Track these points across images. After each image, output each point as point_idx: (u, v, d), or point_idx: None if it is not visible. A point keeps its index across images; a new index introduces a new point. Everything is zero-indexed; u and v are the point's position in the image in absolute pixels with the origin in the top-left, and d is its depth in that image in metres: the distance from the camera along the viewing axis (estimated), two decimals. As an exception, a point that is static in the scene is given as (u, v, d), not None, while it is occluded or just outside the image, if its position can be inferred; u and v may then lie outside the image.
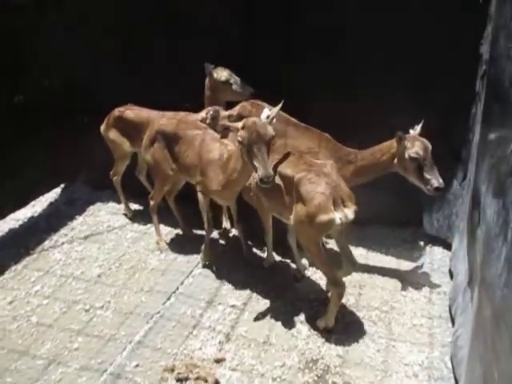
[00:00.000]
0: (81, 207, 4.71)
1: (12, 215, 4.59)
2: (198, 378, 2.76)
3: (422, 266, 3.71)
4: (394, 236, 4.04)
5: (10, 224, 4.52)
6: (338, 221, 2.75)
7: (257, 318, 3.24)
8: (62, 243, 4.21)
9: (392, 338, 3.04)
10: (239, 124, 2.81)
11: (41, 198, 4.92)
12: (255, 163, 2.70)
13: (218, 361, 2.91)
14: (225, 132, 2.94)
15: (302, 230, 2.91)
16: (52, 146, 4.48)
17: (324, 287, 3.44)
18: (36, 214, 4.72)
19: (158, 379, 2.80)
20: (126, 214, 4.58)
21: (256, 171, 2.71)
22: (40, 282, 3.73)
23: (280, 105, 2.96)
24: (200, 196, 3.63)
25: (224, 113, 3.09)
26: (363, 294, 3.43)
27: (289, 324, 3.18)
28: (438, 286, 3.49)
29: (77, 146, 4.47)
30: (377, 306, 3.31)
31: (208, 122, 3.09)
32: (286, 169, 3.03)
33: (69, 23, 4.34)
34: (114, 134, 4.25)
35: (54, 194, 5.03)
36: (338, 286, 2.93)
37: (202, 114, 3.49)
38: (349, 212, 2.79)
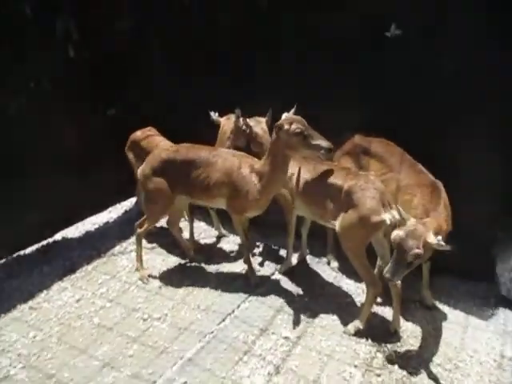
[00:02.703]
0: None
1: (90, 219, 4.92)
2: (242, 407, 2.73)
3: (493, 326, 3.42)
4: (465, 289, 3.77)
5: (87, 227, 4.84)
6: (388, 221, 3.03)
7: (309, 354, 3.16)
8: (131, 251, 4.42)
9: (453, 401, 2.81)
10: (282, 123, 3.22)
11: (117, 205, 5.23)
12: (315, 142, 3.14)
13: (265, 392, 2.86)
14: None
15: (352, 234, 3.14)
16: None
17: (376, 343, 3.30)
18: (111, 220, 5.01)
19: (203, 400, 2.81)
20: None
21: (320, 149, 3.12)
22: (106, 285, 3.93)
23: (295, 107, 3.39)
24: (235, 217, 3.75)
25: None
26: (425, 347, 3.21)
27: (342, 366, 3.06)
28: (511, 350, 3.19)
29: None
30: (439, 362, 3.08)
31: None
32: (334, 178, 3.32)
33: (161, 47, 4.69)
34: (131, 157, 4.43)
35: (128, 202, 5.32)
36: (375, 286, 3.21)
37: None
38: (395, 213, 3.01)
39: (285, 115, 3.35)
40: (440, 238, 2.74)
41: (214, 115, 4.10)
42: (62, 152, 4.36)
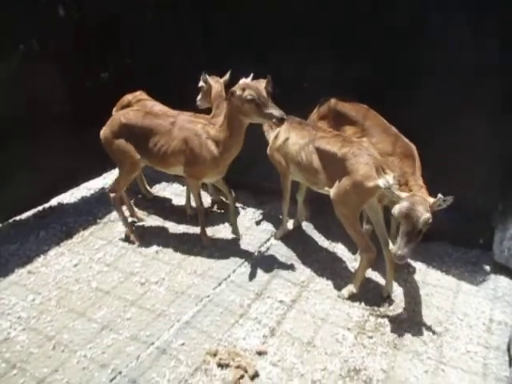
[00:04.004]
0: (147, 184, 4.90)
1: (85, 184, 4.90)
2: (238, 367, 2.81)
3: (484, 292, 3.49)
4: (458, 256, 3.83)
5: (83, 192, 4.83)
6: (382, 186, 2.95)
7: (304, 318, 3.23)
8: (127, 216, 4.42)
9: (442, 362, 2.90)
10: (235, 89, 3.24)
11: (112, 171, 5.18)
12: (268, 111, 3.15)
13: (260, 353, 2.94)
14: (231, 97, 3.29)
15: (346, 200, 3.15)
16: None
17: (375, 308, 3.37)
18: (106, 186, 4.98)
19: (200, 361, 2.89)
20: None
21: (271, 117, 3.16)
22: (103, 250, 3.96)
23: (251, 75, 3.40)
24: (192, 181, 3.82)
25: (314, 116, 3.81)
26: (417, 310, 3.29)
27: (335, 328, 3.13)
28: (500, 315, 3.27)
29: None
30: (430, 325, 3.17)
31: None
32: (327, 145, 3.30)
33: (154, 10, 4.54)
34: None
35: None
36: (369, 251, 3.22)
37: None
38: (389, 178, 2.97)
39: (242, 81, 3.36)
40: (440, 195, 2.78)
41: (205, 76, 4.00)
42: (55, 118, 4.30)
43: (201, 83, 4.01)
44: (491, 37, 3.17)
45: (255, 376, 2.78)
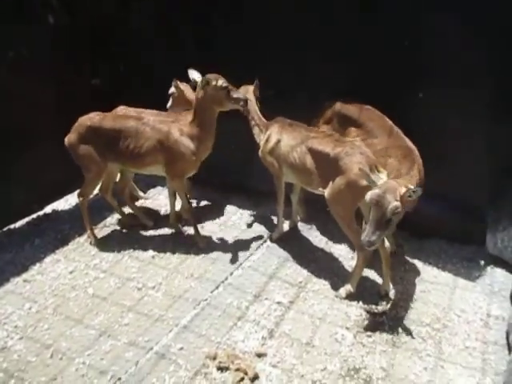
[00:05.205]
0: (142, 189, 4.89)
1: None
2: (238, 370, 2.80)
3: (480, 287, 3.51)
4: (453, 252, 3.85)
5: (77, 199, 4.78)
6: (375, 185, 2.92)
7: (302, 318, 3.23)
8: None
9: (441, 358, 2.91)
10: (210, 79, 3.45)
11: (106, 176, 5.17)
12: (236, 95, 3.48)
13: (260, 355, 2.93)
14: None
15: (340, 199, 3.18)
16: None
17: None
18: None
19: (199, 364, 2.88)
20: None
21: (239, 100, 3.47)
22: (99, 256, 3.94)
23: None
24: (176, 182, 3.86)
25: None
26: (414, 308, 3.30)
27: (334, 328, 3.14)
28: (497, 310, 3.29)
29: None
30: (428, 322, 3.18)
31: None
32: (320, 146, 3.32)
33: (146, 16, 4.53)
34: None
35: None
36: (365, 249, 3.13)
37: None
38: (383, 176, 2.98)
39: (208, 75, 3.47)
40: (412, 186, 2.76)
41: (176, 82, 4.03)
42: (48, 125, 4.27)
43: (172, 89, 4.05)
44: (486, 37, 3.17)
45: (255, 378, 2.77)
